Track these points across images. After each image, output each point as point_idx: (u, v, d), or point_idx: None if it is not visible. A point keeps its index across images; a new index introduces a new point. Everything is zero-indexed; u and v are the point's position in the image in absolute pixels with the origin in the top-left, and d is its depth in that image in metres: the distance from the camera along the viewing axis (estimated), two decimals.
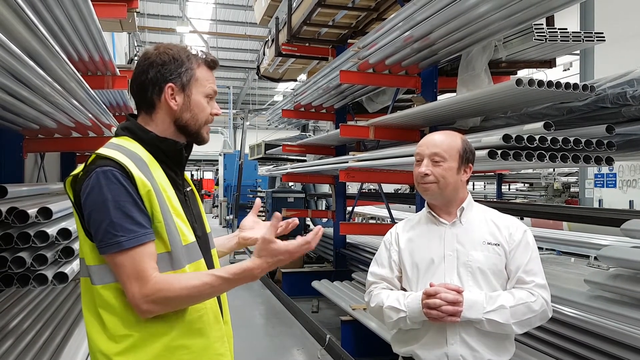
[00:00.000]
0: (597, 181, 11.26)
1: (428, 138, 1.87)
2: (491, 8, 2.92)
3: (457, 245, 1.80)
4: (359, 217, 13.19)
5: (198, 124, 1.46)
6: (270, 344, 5.34)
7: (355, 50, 4.27)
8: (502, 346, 1.77)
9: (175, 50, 1.43)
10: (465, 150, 1.83)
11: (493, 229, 1.81)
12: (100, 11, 3.02)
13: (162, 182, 1.38)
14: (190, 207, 1.50)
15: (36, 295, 3.02)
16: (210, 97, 1.48)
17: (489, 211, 1.90)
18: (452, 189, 1.81)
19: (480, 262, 1.76)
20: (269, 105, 20.84)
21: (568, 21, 9.99)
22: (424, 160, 1.82)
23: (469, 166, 1.85)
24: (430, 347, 1.76)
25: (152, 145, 1.42)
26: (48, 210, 2.11)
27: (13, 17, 1.58)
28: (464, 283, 1.75)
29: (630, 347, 2.34)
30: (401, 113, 3.96)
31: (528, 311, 1.71)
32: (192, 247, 1.40)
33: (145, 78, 1.41)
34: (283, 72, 7.90)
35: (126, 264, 1.27)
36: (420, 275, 1.82)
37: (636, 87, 2.62)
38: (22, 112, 2.34)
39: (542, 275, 1.79)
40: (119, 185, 1.28)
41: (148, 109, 1.44)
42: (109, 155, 1.31)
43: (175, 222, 1.36)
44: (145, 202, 1.31)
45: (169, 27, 17.70)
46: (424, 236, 1.87)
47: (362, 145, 5.78)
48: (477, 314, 1.67)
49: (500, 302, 1.69)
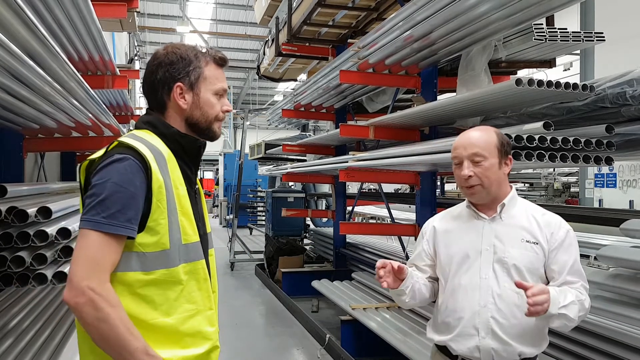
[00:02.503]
0: (597, 181, 11.26)
1: (463, 138, 1.82)
2: (491, 8, 2.92)
3: (495, 240, 1.79)
4: (359, 216, 13.20)
5: (208, 120, 1.47)
6: (270, 343, 5.34)
7: (355, 50, 4.27)
8: (534, 340, 1.77)
9: (183, 50, 1.44)
10: (502, 143, 1.80)
11: (533, 227, 1.79)
12: (100, 11, 3.02)
13: (176, 179, 1.39)
14: (198, 205, 1.51)
15: (36, 295, 3.02)
16: (220, 94, 1.48)
17: (532, 207, 1.88)
18: (497, 186, 1.79)
19: (516, 259, 1.75)
20: (269, 105, 20.84)
21: (568, 21, 9.99)
22: (464, 162, 1.78)
23: (509, 158, 1.82)
24: (462, 339, 1.78)
25: (173, 140, 1.43)
26: (48, 209, 2.11)
27: (13, 17, 1.58)
28: (499, 279, 1.75)
29: (630, 347, 2.35)
30: (401, 113, 3.96)
31: (582, 308, 1.72)
32: (193, 247, 1.40)
33: (154, 78, 1.43)
34: (283, 71, 7.90)
35: (90, 245, 1.25)
36: (455, 267, 1.83)
37: (636, 87, 2.62)
38: (22, 112, 2.34)
39: (585, 277, 1.79)
40: (131, 174, 1.29)
41: (160, 109, 1.46)
42: (132, 145, 1.32)
43: (180, 220, 1.36)
44: (154, 195, 1.31)
45: (169, 27, 17.70)
46: (462, 229, 1.86)
47: (362, 145, 5.78)
48: (554, 308, 1.64)
49: (570, 298, 1.68)
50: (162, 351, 1.32)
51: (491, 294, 1.75)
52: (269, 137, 11.90)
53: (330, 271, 7.01)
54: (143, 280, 1.32)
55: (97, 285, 1.23)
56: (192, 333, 1.38)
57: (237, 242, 10.11)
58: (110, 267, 1.27)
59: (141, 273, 1.31)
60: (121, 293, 1.29)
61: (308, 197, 10.08)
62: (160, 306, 1.33)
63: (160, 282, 1.33)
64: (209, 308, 1.44)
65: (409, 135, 4.43)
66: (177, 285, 1.35)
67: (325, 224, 10.33)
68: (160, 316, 1.33)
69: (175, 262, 1.34)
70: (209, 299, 1.44)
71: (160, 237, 1.32)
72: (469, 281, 1.79)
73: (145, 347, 1.27)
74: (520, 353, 1.75)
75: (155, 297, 1.33)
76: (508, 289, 1.74)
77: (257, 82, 20.96)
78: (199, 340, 1.39)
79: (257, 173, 15.29)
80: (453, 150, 1.83)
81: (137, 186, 1.29)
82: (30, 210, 2.04)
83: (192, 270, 1.39)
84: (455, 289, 1.82)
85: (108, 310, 1.22)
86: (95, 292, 1.22)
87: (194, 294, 1.39)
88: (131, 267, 1.31)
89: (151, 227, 1.32)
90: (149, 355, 1.27)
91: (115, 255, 1.27)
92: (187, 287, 1.38)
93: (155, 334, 1.32)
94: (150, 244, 1.32)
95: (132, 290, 1.31)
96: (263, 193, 12.73)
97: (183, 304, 1.36)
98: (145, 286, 1.32)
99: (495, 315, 1.74)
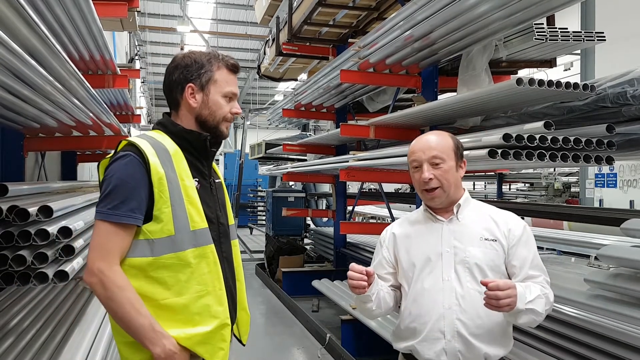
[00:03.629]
0: (598, 181, 11.24)
1: (421, 142, 1.84)
2: (491, 7, 2.92)
3: (455, 241, 1.80)
4: (360, 216, 13.20)
5: (216, 120, 1.62)
6: (271, 343, 5.35)
7: (356, 50, 4.27)
8: (499, 341, 1.77)
9: (198, 55, 1.61)
10: (457, 146, 1.84)
11: (491, 225, 1.81)
12: (101, 10, 3.02)
13: (182, 172, 1.53)
14: (216, 196, 1.67)
15: (37, 294, 3.02)
16: (229, 97, 1.62)
17: (487, 207, 1.90)
18: (454, 188, 1.82)
19: (477, 258, 1.76)
20: (269, 104, 20.81)
21: (569, 21, 9.98)
22: (423, 166, 1.79)
23: (463, 161, 1.86)
24: (429, 344, 1.77)
25: (180, 137, 1.59)
26: (49, 208, 2.11)
27: (14, 15, 1.58)
28: (462, 280, 1.76)
29: (631, 347, 2.34)
30: (402, 112, 3.97)
31: (548, 302, 1.72)
32: (201, 232, 1.53)
33: (171, 79, 1.61)
34: (284, 71, 7.89)
35: (100, 233, 1.44)
36: (417, 272, 1.83)
37: (636, 86, 2.62)
38: (23, 111, 2.34)
39: (546, 271, 1.80)
40: (132, 169, 1.45)
41: (175, 107, 1.63)
42: (134, 142, 1.49)
43: (187, 208, 1.50)
44: (155, 187, 1.46)
45: (170, 27, 17.68)
46: (421, 233, 1.87)
47: (362, 144, 5.78)
48: (522, 304, 1.64)
49: (535, 292, 1.69)
50: (172, 330, 1.47)
51: (455, 296, 1.75)
52: (270, 136, 11.90)
53: (331, 271, 7.01)
54: (154, 264, 1.47)
55: (106, 268, 1.41)
56: (201, 312, 1.51)
57: None
58: (119, 252, 1.44)
59: (152, 258, 1.47)
60: (136, 276, 1.46)
61: (308, 197, 10.08)
62: (173, 287, 1.48)
63: (170, 266, 1.48)
64: (219, 289, 1.56)
65: (409, 135, 4.43)
66: (186, 267, 1.50)
67: (326, 224, 10.34)
68: (173, 296, 1.48)
69: (183, 247, 1.49)
70: (219, 280, 1.56)
71: (164, 224, 1.46)
72: (431, 284, 1.79)
73: (152, 324, 1.43)
74: (486, 354, 1.74)
75: (167, 279, 1.48)
76: (471, 290, 1.74)
77: (257, 81, 20.92)
78: (207, 318, 1.52)
79: (258, 173, 15.29)
80: (410, 155, 1.85)
81: (138, 179, 1.45)
82: (31, 209, 2.04)
83: (201, 254, 1.52)
84: (419, 293, 1.81)
85: (115, 290, 1.40)
86: (104, 274, 1.40)
87: (204, 276, 1.53)
88: (143, 253, 1.47)
89: (156, 215, 1.47)
90: (154, 331, 1.43)
91: (123, 241, 1.44)
92: (197, 270, 1.51)
93: (167, 312, 1.47)
94: (156, 231, 1.47)
95: (146, 273, 1.47)
96: (263, 193, 12.75)
97: (194, 285, 1.50)
98: (157, 269, 1.47)
99: (460, 316, 1.73)
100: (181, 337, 1.47)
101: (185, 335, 1.48)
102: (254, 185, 16.68)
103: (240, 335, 1.82)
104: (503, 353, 1.78)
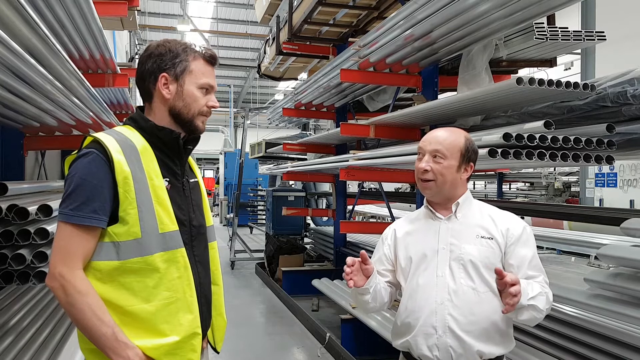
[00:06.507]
0: (598, 180, 11.24)
1: (432, 134, 1.87)
2: (492, 7, 2.91)
3: (451, 239, 1.81)
4: (360, 215, 13.20)
5: (191, 113, 1.50)
6: (271, 342, 5.35)
7: (356, 49, 4.27)
8: (495, 339, 1.76)
9: (173, 44, 1.51)
10: (467, 149, 1.83)
11: (488, 224, 1.82)
12: (101, 9, 3.02)
13: (151, 171, 1.43)
14: (189, 197, 1.56)
15: (36, 293, 3.02)
16: (206, 89, 1.52)
17: (488, 207, 1.91)
18: (450, 187, 1.82)
19: (472, 255, 1.77)
20: (269, 103, 20.82)
21: (569, 20, 9.98)
22: (425, 156, 1.82)
23: (470, 165, 1.85)
24: (421, 339, 1.78)
25: (151, 133, 1.48)
26: (48, 207, 2.11)
27: (14, 14, 1.58)
28: (455, 275, 1.76)
29: (631, 346, 2.35)
30: (402, 112, 3.96)
31: (548, 301, 1.72)
32: (170, 235, 1.43)
33: (144, 69, 1.50)
34: (284, 70, 7.88)
35: (62, 236, 1.35)
36: (414, 268, 1.84)
37: (637, 86, 2.62)
38: (23, 110, 2.34)
39: (545, 272, 1.80)
40: (95, 168, 1.36)
41: (148, 98, 1.52)
42: (98, 138, 1.39)
43: (156, 210, 1.40)
44: (120, 186, 1.37)
45: (170, 26, 17.70)
46: (421, 230, 1.89)
47: (362, 144, 5.78)
48: (524, 299, 1.64)
49: (537, 289, 1.69)
50: (138, 339, 1.37)
51: (447, 291, 1.76)
52: (270, 136, 11.88)
53: (331, 270, 7.00)
54: (120, 268, 1.37)
55: (67, 272, 1.32)
56: (170, 320, 1.42)
57: (237, 241, 10.12)
58: (82, 256, 1.35)
59: (118, 262, 1.37)
60: (101, 280, 1.37)
61: (308, 196, 10.08)
62: (139, 293, 1.39)
63: (137, 270, 1.38)
64: (189, 295, 1.46)
65: (409, 134, 4.43)
66: (154, 272, 1.40)
67: (326, 223, 10.34)
68: (139, 303, 1.38)
69: (150, 250, 1.39)
70: (189, 287, 1.47)
71: (130, 226, 1.37)
72: (426, 280, 1.80)
73: (115, 333, 1.34)
74: (480, 352, 1.73)
75: (134, 285, 1.39)
76: (464, 286, 1.75)
77: (257, 81, 20.93)
78: (176, 327, 1.43)
79: (258, 172, 15.27)
80: (420, 142, 1.88)
81: (101, 178, 1.35)
82: (31, 208, 2.05)
83: (171, 259, 1.43)
84: (414, 289, 1.82)
85: (76, 296, 1.32)
86: (64, 279, 1.32)
87: (173, 282, 1.43)
88: (108, 256, 1.37)
89: (122, 217, 1.37)
90: (117, 341, 1.33)
91: (86, 244, 1.35)
92: (166, 275, 1.42)
93: (133, 320, 1.38)
94: (122, 234, 1.37)
95: (111, 277, 1.38)
96: (263, 192, 12.73)
97: (162, 292, 1.41)
98: (124, 274, 1.38)
99: (452, 312, 1.74)
100: (147, 347, 1.37)
101: (152, 345, 1.38)
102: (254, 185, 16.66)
103: (215, 342, 1.73)
104: (501, 352, 1.77)
